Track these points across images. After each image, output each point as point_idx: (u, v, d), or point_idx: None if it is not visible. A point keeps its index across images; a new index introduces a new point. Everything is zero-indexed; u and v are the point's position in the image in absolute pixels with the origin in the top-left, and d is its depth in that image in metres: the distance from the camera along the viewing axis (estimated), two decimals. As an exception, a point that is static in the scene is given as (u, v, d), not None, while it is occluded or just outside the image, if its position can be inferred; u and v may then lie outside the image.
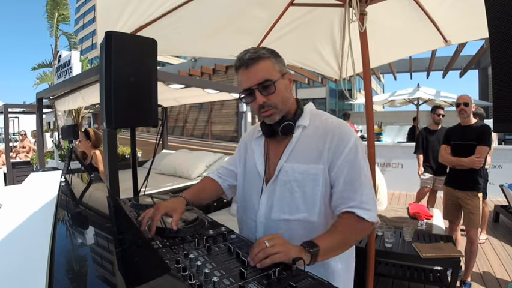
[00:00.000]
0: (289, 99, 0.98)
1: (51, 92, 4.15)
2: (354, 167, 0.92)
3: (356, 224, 0.90)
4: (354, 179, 0.91)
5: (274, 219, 0.97)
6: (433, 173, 3.81)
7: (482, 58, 12.90)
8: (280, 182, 0.97)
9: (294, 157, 0.96)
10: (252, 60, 0.91)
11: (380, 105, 11.15)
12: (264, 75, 0.91)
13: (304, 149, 0.96)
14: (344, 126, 0.96)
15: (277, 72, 0.94)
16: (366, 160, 0.96)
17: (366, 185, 0.92)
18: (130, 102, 1.42)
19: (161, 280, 0.69)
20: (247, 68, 0.92)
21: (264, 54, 0.93)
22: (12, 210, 1.14)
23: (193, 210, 1.21)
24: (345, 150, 0.92)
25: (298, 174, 0.94)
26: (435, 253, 2.18)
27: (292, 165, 0.95)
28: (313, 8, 2.22)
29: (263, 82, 0.91)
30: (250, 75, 0.92)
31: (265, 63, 0.92)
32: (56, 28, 8.80)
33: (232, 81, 11.29)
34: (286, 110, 0.97)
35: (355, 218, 0.90)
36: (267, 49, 0.96)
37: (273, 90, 0.92)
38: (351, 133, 0.94)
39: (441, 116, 3.79)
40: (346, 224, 0.90)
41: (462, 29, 2.35)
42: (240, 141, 1.23)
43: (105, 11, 1.69)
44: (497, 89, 0.74)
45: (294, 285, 0.63)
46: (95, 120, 17.02)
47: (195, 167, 3.95)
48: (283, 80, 0.95)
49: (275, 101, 0.93)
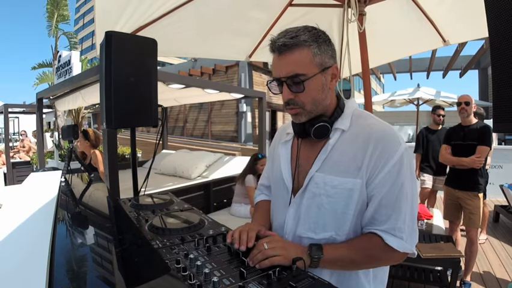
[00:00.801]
0: (324, 100, 0.82)
1: (51, 92, 4.15)
2: (394, 187, 0.77)
3: (379, 250, 0.78)
4: (392, 200, 0.77)
5: (299, 236, 0.86)
6: (433, 173, 3.81)
7: (482, 58, 12.91)
8: (309, 194, 0.83)
9: (328, 167, 0.81)
10: (285, 47, 0.76)
11: (380, 105, 11.15)
12: (294, 69, 0.76)
13: (341, 158, 0.81)
14: (391, 135, 0.79)
15: (316, 65, 0.77)
16: (412, 178, 0.81)
17: (407, 209, 0.78)
18: (130, 102, 1.42)
19: (161, 280, 0.69)
20: (279, 55, 0.78)
21: (304, 42, 0.75)
22: (12, 210, 1.14)
23: (193, 210, 1.21)
24: (387, 164, 0.77)
25: (331, 188, 0.80)
26: (435, 253, 2.18)
27: (324, 176, 0.81)
28: (312, 8, 2.22)
29: (292, 76, 0.77)
30: (281, 64, 0.78)
31: (301, 53, 0.76)
32: (55, 28, 8.80)
33: (232, 81, 11.29)
34: (317, 111, 0.82)
35: (380, 243, 0.78)
36: (312, 32, 0.77)
37: (301, 89, 0.77)
38: (398, 144, 0.78)
39: (441, 117, 3.79)
40: (365, 245, 0.79)
41: (461, 29, 2.36)
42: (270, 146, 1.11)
43: (104, 12, 1.69)
44: (497, 89, 0.74)
45: (294, 285, 0.63)
46: (95, 120, 17.02)
47: (194, 167, 3.95)
48: (322, 76, 0.79)
49: (303, 100, 0.79)
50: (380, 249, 0.78)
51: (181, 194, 3.08)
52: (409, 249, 0.79)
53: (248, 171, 3.19)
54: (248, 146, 9.39)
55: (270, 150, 1.08)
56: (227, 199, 3.67)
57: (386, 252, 0.78)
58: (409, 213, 0.79)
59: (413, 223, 0.80)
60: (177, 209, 1.21)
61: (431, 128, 3.87)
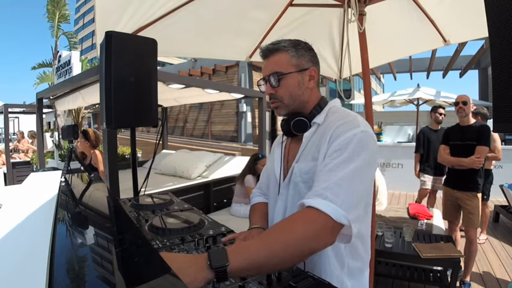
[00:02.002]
0: (301, 96, 0.92)
1: (51, 92, 4.15)
2: (337, 158, 0.75)
3: (302, 223, 0.66)
4: (329, 169, 0.74)
5: None
6: (433, 173, 3.78)
7: (482, 58, 12.90)
8: (292, 184, 0.92)
9: (304, 156, 0.90)
10: (268, 51, 0.92)
11: (380, 105, 11.15)
12: (274, 67, 0.91)
13: (311, 147, 0.89)
14: (351, 120, 0.83)
15: (292, 66, 0.90)
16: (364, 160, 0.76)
17: (341, 176, 0.72)
18: (130, 102, 1.42)
19: (161, 280, 0.69)
20: (265, 58, 0.94)
21: (284, 47, 0.91)
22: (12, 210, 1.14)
23: (193, 210, 1.21)
24: (336, 140, 0.79)
25: (305, 174, 0.87)
26: (435, 253, 2.18)
27: (299, 165, 0.90)
28: (312, 8, 2.22)
29: (271, 74, 0.91)
30: (265, 65, 0.94)
31: (281, 56, 0.91)
32: (57, 28, 8.80)
33: (232, 81, 11.29)
34: (295, 106, 0.93)
35: (305, 212, 0.69)
36: (292, 41, 0.93)
37: (278, 84, 0.90)
38: (355, 126, 0.80)
39: (443, 116, 3.76)
40: (284, 224, 0.69)
41: (461, 28, 2.36)
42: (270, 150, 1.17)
43: (104, 12, 1.69)
44: (497, 89, 0.74)
45: (294, 285, 0.63)
46: (95, 120, 17.02)
47: (194, 167, 3.95)
48: (299, 76, 0.91)
49: (281, 94, 0.91)
50: (302, 220, 0.67)
51: (181, 194, 3.08)
52: (343, 216, 0.66)
53: (248, 171, 3.19)
54: (248, 146, 9.39)
55: (270, 153, 1.14)
56: (227, 199, 3.67)
57: (310, 223, 0.66)
58: (348, 185, 0.71)
59: (352, 195, 0.70)
60: (177, 209, 1.21)
61: (432, 128, 3.82)
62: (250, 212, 1.11)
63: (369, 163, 0.78)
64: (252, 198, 1.16)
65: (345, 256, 0.86)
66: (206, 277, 0.60)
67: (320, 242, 0.67)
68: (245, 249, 0.64)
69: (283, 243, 0.63)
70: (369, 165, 0.78)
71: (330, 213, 0.66)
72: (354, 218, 0.69)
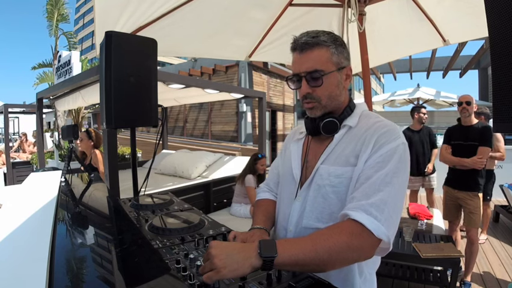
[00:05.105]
0: (339, 97, 0.87)
1: (51, 92, 4.15)
2: (381, 171, 0.75)
3: (347, 234, 0.68)
4: (375, 182, 0.74)
5: (305, 227, 0.87)
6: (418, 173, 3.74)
7: (482, 58, 12.92)
8: (315, 186, 0.86)
9: (332, 159, 0.85)
10: (306, 45, 0.83)
11: (380, 105, 11.16)
12: (314, 65, 0.82)
13: (344, 150, 0.84)
14: (393, 129, 0.81)
15: (333, 64, 0.84)
16: (404, 173, 0.78)
17: (389, 195, 0.73)
18: (130, 102, 1.42)
19: (161, 280, 0.69)
20: (301, 52, 0.84)
21: (324, 42, 0.83)
22: (12, 210, 1.14)
23: (193, 210, 1.21)
24: (380, 149, 0.77)
25: (335, 178, 0.82)
26: (435, 253, 2.18)
27: (328, 168, 0.84)
28: (311, 8, 2.23)
29: (312, 72, 0.83)
30: (302, 61, 0.84)
31: (321, 52, 0.83)
32: (56, 27, 8.79)
33: (232, 81, 11.29)
34: (332, 106, 0.87)
35: (349, 224, 0.70)
36: (330, 35, 0.85)
37: (320, 83, 0.83)
38: (397, 137, 0.80)
39: (426, 115, 3.73)
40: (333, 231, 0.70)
41: (461, 28, 2.36)
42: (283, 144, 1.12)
43: (103, 12, 1.69)
44: (497, 89, 0.74)
45: (294, 285, 0.63)
46: (95, 120, 17.01)
47: (194, 167, 3.94)
48: (338, 74, 0.85)
49: (320, 94, 0.85)
50: (348, 232, 0.68)
51: (181, 194, 3.08)
52: (384, 234, 0.69)
53: (248, 171, 3.18)
54: (248, 146, 9.39)
55: (282, 148, 1.10)
56: (227, 199, 3.67)
57: (355, 237, 0.68)
58: (391, 202, 0.72)
59: (393, 213, 0.72)
60: (177, 209, 1.21)
61: (414, 129, 3.78)
62: (255, 207, 1.08)
63: (407, 178, 0.81)
64: (259, 193, 1.12)
65: (363, 264, 0.86)
66: (254, 264, 0.64)
67: (361, 254, 0.71)
68: (294, 246, 0.67)
69: (329, 249, 0.67)
70: (407, 181, 0.81)
71: (373, 230, 0.68)
72: (392, 234, 0.72)
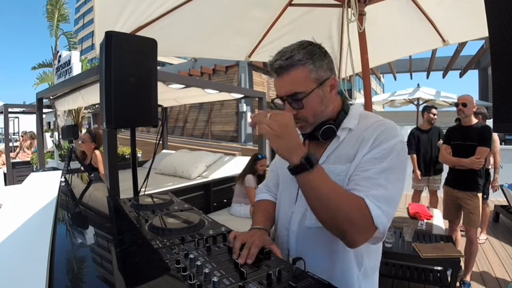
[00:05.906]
0: (325, 111, 0.86)
1: (51, 92, 4.15)
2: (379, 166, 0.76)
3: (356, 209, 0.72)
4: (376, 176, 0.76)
5: (308, 227, 0.88)
6: (424, 173, 3.76)
7: (482, 58, 12.92)
8: None
9: (333, 159, 0.85)
10: (281, 69, 0.81)
11: (380, 105, 11.15)
12: (292, 88, 0.81)
13: (344, 150, 0.85)
14: (392, 128, 0.83)
15: (312, 81, 0.81)
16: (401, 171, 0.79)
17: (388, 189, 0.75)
18: (130, 102, 1.42)
19: (161, 280, 0.69)
20: (278, 76, 0.83)
21: (299, 61, 0.79)
22: (12, 210, 1.14)
23: (193, 210, 1.21)
24: (379, 146, 0.78)
25: (335, 176, 0.81)
26: (435, 253, 2.18)
27: (328, 167, 0.82)
28: (311, 8, 2.23)
29: (291, 95, 0.82)
30: (280, 84, 0.83)
31: (297, 72, 0.80)
32: (56, 27, 8.79)
33: (232, 81, 11.29)
34: (322, 119, 0.87)
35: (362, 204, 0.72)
36: (306, 50, 0.81)
37: (301, 106, 0.82)
38: (395, 135, 0.81)
39: (436, 116, 3.75)
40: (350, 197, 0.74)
41: (460, 28, 2.36)
42: None
43: (103, 12, 1.69)
44: (497, 89, 0.74)
45: (294, 285, 0.63)
46: (95, 120, 17.01)
47: (194, 167, 3.95)
48: (320, 90, 0.82)
49: (305, 114, 0.84)
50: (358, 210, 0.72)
51: (181, 194, 3.08)
52: (382, 224, 0.73)
53: (248, 171, 3.19)
54: (248, 146, 9.39)
55: None
56: (227, 199, 3.67)
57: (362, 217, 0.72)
58: (391, 195, 0.75)
59: (390, 206, 0.75)
60: (177, 209, 1.21)
61: (423, 128, 3.80)
62: (255, 208, 1.08)
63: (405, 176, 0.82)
64: (258, 194, 1.12)
65: (363, 255, 0.86)
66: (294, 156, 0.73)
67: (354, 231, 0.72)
68: (321, 176, 0.74)
69: (337, 202, 0.72)
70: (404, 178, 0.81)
71: (375, 216, 0.72)
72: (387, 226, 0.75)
